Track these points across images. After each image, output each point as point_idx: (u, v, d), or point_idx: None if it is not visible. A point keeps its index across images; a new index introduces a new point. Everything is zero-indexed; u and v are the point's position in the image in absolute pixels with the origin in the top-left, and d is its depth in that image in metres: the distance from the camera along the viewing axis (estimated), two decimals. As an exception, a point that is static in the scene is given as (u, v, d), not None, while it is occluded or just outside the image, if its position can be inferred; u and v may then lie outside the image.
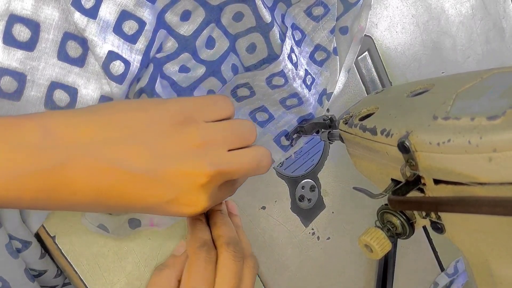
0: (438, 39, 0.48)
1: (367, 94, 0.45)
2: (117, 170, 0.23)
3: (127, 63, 0.29)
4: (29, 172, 0.21)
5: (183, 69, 0.33)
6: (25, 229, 0.29)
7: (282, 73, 0.33)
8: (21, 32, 0.25)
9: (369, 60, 0.45)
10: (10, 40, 0.25)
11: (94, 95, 0.28)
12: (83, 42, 0.27)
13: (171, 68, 0.32)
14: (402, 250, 0.51)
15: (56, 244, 0.31)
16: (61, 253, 0.32)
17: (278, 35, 0.33)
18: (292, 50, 0.35)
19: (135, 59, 0.29)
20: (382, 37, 0.45)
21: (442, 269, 0.55)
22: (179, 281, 0.31)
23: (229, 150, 0.27)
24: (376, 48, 0.45)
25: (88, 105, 0.28)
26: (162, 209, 0.25)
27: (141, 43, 0.29)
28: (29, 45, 0.25)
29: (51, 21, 0.25)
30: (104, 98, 0.29)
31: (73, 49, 0.27)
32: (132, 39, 0.29)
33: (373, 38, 0.45)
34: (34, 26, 0.25)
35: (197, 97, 0.29)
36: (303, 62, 0.38)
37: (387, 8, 0.45)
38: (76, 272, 0.32)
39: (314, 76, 0.39)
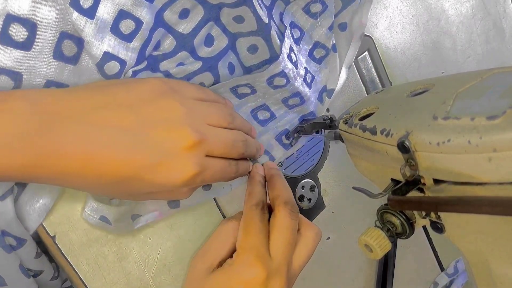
0: (438, 39, 0.48)
1: (367, 94, 0.45)
2: (102, 133, 0.23)
3: (123, 62, 0.29)
4: (17, 136, 0.21)
5: (180, 65, 0.33)
6: (19, 226, 0.29)
7: (283, 73, 0.34)
8: (18, 32, 0.25)
9: (369, 60, 0.45)
10: (7, 40, 0.25)
11: None
12: (79, 41, 0.27)
13: (167, 65, 0.32)
14: (402, 250, 0.51)
15: (56, 244, 0.31)
16: (61, 253, 0.32)
17: (276, 36, 0.33)
18: (291, 49, 0.35)
19: (131, 57, 0.29)
20: (382, 37, 0.45)
21: (442, 269, 0.55)
22: None
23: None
24: (376, 48, 0.45)
25: None
26: (151, 175, 0.25)
27: (136, 42, 0.29)
28: (26, 45, 0.25)
29: (48, 21, 0.25)
30: None
31: (69, 48, 0.27)
32: (128, 38, 0.29)
33: (373, 38, 0.45)
34: (31, 26, 0.25)
35: (181, 80, 0.30)
36: (303, 60, 0.38)
37: (387, 8, 0.45)
38: (76, 272, 0.32)
39: (313, 74, 0.39)
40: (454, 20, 0.49)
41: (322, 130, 0.39)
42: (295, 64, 0.35)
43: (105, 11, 0.27)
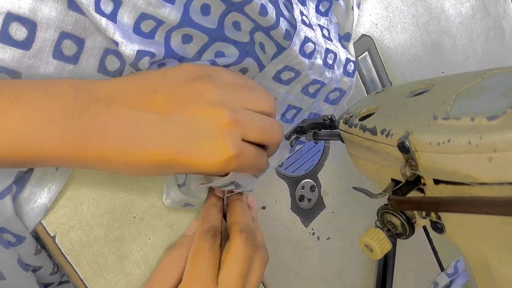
0: (438, 39, 0.48)
1: (367, 94, 0.45)
2: (138, 117, 0.24)
3: (153, 55, 0.29)
4: (65, 118, 0.22)
5: (219, 54, 0.33)
6: (18, 223, 0.29)
7: (307, 39, 0.34)
8: (18, 31, 0.25)
9: (369, 60, 0.45)
10: (6, 39, 0.25)
11: None
12: (79, 41, 0.27)
13: (208, 56, 0.33)
14: (402, 250, 0.51)
15: (56, 244, 0.31)
16: (61, 253, 0.32)
17: (285, 7, 0.33)
18: (302, 14, 0.35)
19: (159, 50, 0.30)
20: (382, 37, 0.45)
21: (442, 269, 0.55)
22: None
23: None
24: (376, 48, 0.45)
25: None
26: (188, 158, 0.25)
27: (158, 36, 0.30)
28: (26, 44, 0.25)
29: (48, 21, 0.25)
30: None
31: (68, 48, 0.27)
32: (150, 35, 0.29)
33: (373, 38, 0.45)
34: (31, 25, 0.25)
35: (219, 67, 0.30)
36: (314, 19, 0.38)
37: (387, 8, 0.45)
38: (76, 272, 0.32)
39: (327, 27, 0.40)
40: (454, 20, 0.49)
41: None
42: (310, 26, 0.36)
43: (125, 15, 0.27)
